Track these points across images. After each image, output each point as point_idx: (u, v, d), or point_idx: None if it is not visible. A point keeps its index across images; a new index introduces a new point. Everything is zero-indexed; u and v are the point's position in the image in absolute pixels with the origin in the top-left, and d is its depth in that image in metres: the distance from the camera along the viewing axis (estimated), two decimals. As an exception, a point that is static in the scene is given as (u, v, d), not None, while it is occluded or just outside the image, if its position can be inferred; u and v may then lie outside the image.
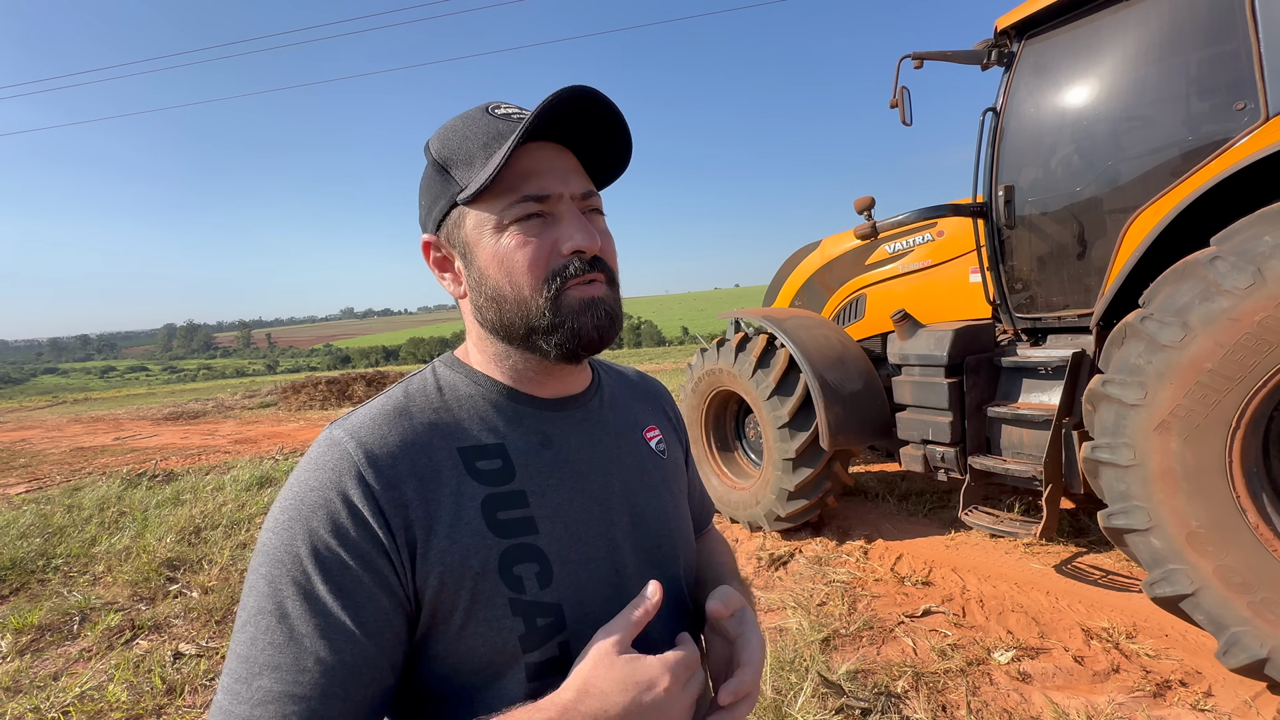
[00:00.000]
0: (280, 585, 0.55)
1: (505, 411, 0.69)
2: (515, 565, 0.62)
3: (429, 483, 0.61)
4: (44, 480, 7.76)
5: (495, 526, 0.62)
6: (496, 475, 0.65)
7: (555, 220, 0.64)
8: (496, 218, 0.63)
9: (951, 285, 3.80)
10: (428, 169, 0.69)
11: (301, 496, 0.58)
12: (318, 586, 0.55)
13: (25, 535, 4.84)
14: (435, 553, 0.59)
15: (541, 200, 0.63)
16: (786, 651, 2.60)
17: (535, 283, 0.63)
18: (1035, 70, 3.04)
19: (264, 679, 0.53)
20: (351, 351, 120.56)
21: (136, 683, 2.75)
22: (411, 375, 0.72)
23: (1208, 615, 2.10)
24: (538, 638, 0.62)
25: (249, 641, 0.54)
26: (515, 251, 0.63)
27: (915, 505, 4.38)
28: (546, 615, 0.63)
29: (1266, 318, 1.91)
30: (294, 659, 0.53)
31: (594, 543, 0.68)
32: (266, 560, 0.56)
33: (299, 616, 0.54)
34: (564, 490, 0.68)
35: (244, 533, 4.71)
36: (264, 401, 17.88)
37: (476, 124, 0.65)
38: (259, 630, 0.54)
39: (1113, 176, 2.79)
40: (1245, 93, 2.33)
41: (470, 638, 0.60)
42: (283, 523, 0.57)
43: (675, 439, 0.90)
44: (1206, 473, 2.06)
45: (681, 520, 0.81)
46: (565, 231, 0.64)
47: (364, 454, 0.59)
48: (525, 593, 0.62)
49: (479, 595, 0.60)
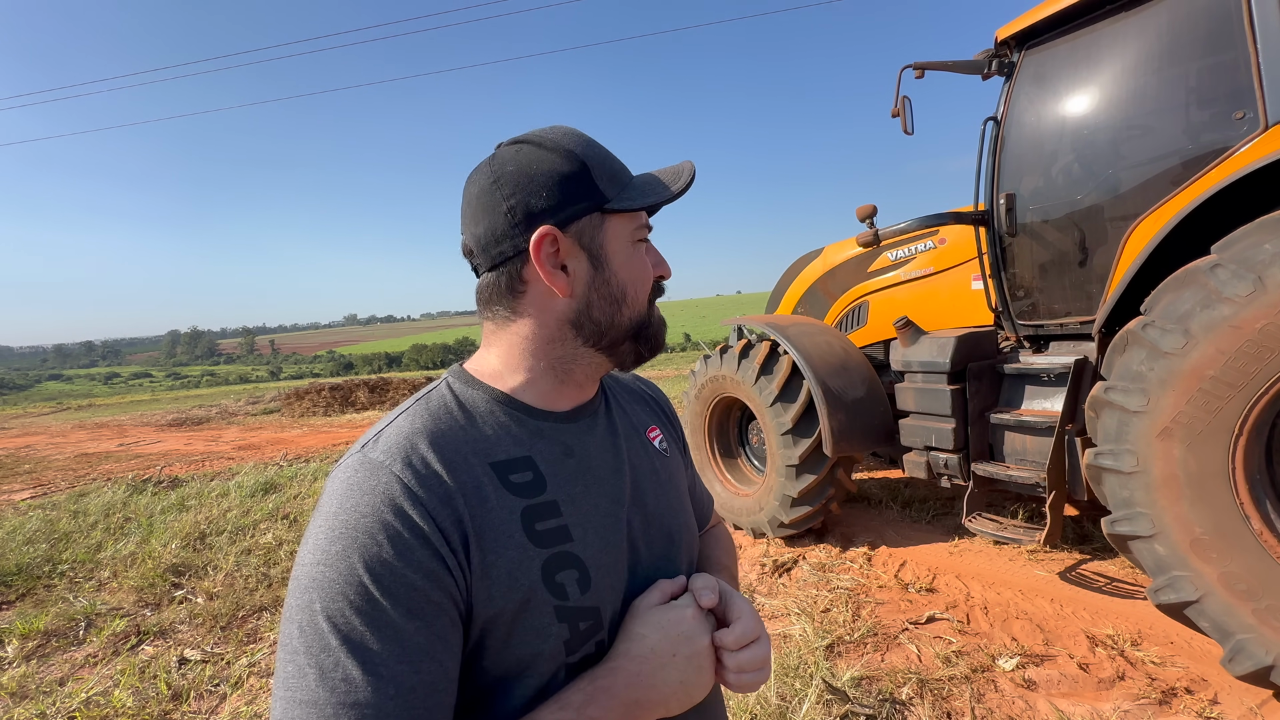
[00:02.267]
0: (341, 619, 0.53)
1: (526, 425, 0.70)
2: (557, 573, 0.64)
3: (474, 498, 0.62)
4: (49, 486, 7.79)
5: (534, 537, 0.64)
6: (529, 487, 0.66)
7: (648, 246, 0.76)
8: (633, 232, 0.73)
9: (954, 292, 3.81)
10: (545, 164, 0.68)
11: (351, 523, 0.56)
12: (389, 612, 0.54)
13: (31, 541, 4.86)
14: (489, 567, 0.61)
15: (648, 229, 0.76)
16: (791, 658, 2.60)
17: (647, 293, 0.75)
18: (1035, 80, 3.06)
19: (343, 717, 0.51)
20: (355, 358, 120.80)
21: (142, 688, 2.77)
22: (427, 392, 0.71)
23: (1212, 622, 2.10)
24: (580, 640, 0.65)
25: (314, 685, 0.52)
26: (644, 263, 0.74)
27: (919, 512, 4.38)
28: (588, 619, 0.65)
29: (1267, 325, 1.92)
30: (373, 693, 0.52)
31: (619, 545, 0.71)
32: (321, 595, 0.54)
33: (373, 645, 0.53)
34: (590, 497, 0.71)
35: (249, 539, 4.72)
36: (267, 408, 17.94)
37: (636, 177, 0.76)
38: (325, 669, 0.52)
39: (1113, 185, 2.81)
40: (1244, 102, 2.35)
41: (517, 646, 0.62)
42: (336, 553, 0.55)
43: (673, 437, 0.93)
44: (1209, 479, 2.07)
45: (687, 515, 0.85)
46: (659, 259, 0.77)
47: (412, 474, 0.59)
48: (569, 599, 0.64)
49: (527, 605, 0.62)
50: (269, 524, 5.09)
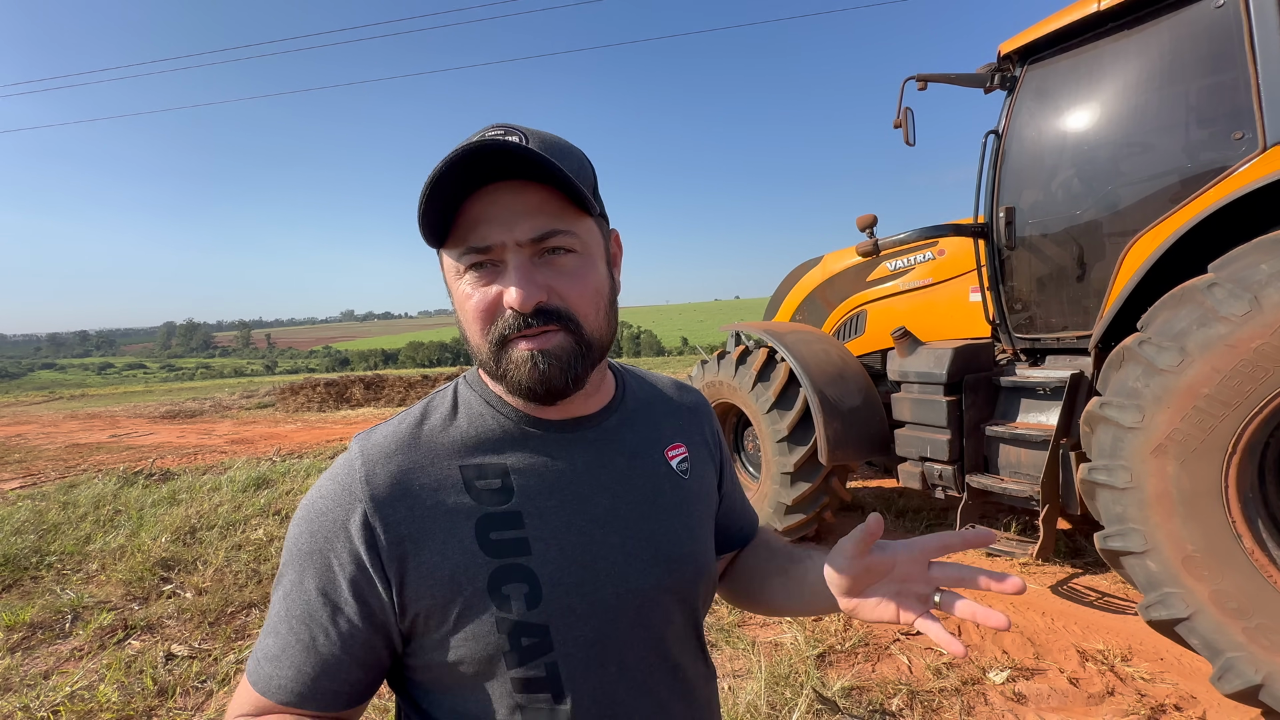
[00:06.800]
0: (289, 572, 0.66)
1: (514, 433, 0.70)
2: (504, 585, 0.64)
3: (426, 500, 0.65)
4: (39, 476, 7.74)
5: (487, 546, 0.64)
6: (494, 495, 0.66)
7: (504, 270, 0.62)
8: (456, 264, 0.64)
9: (952, 304, 3.83)
10: None
11: (313, 502, 0.66)
12: (308, 581, 0.64)
13: (20, 531, 4.82)
14: (426, 567, 0.63)
15: (485, 251, 0.62)
16: (782, 666, 2.60)
17: (481, 331, 0.64)
18: (1037, 95, 3.08)
19: (269, 643, 0.65)
20: (350, 354, 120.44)
21: (128, 683, 2.74)
22: (437, 391, 0.75)
23: (1203, 640, 2.10)
24: (521, 656, 0.64)
25: (276, 607, 0.66)
26: (465, 302, 0.64)
27: (912, 522, 4.38)
28: (532, 635, 0.64)
29: (1263, 345, 1.93)
30: (288, 634, 0.64)
31: (593, 566, 0.68)
32: (287, 548, 0.67)
33: (297, 601, 0.64)
34: (564, 513, 0.68)
35: (239, 534, 4.69)
36: (262, 402, 17.86)
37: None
38: (280, 600, 0.66)
39: (1112, 201, 2.83)
40: (1243, 122, 2.37)
41: (457, 646, 0.64)
42: (297, 519, 0.67)
43: (706, 456, 0.86)
44: (1202, 497, 2.08)
45: (698, 543, 0.79)
46: (505, 287, 0.62)
47: (365, 473, 0.65)
48: (511, 612, 0.63)
49: (466, 610, 0.63)
50: (260, 520, 5.05)
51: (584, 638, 0.66)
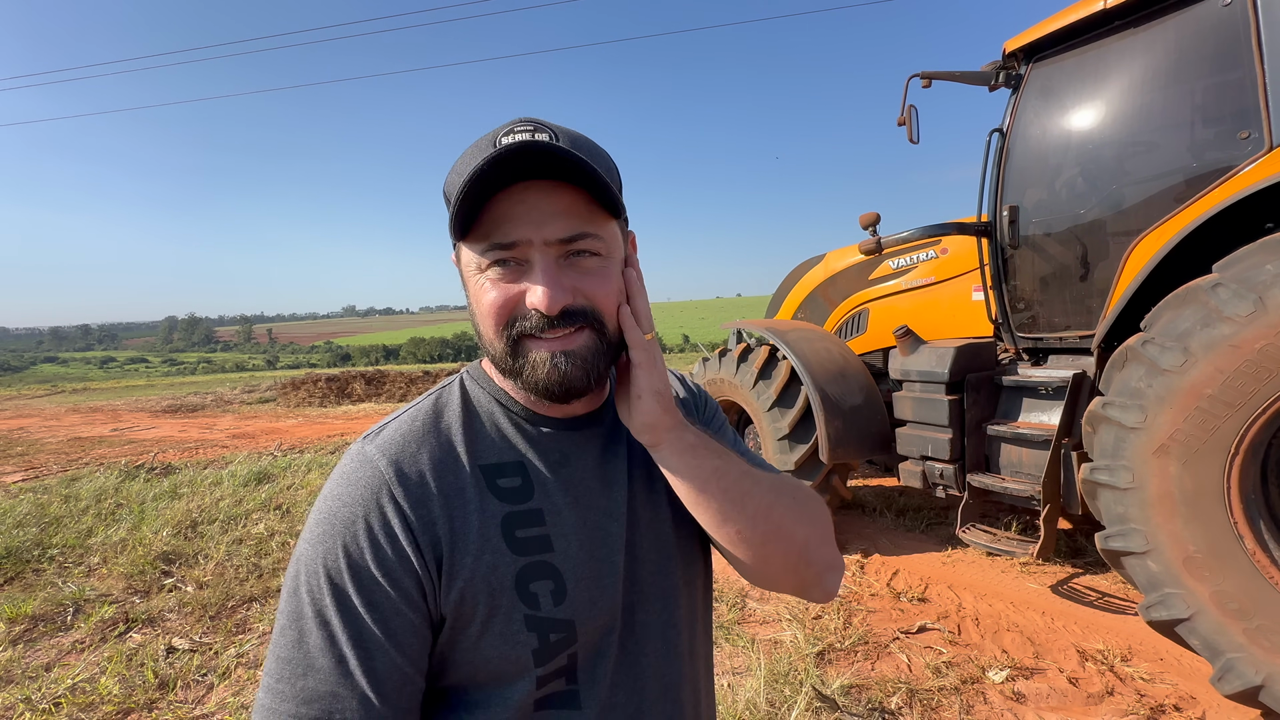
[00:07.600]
0: (317, 593, 0.59)
1: (525, 430, 0.70)
2: (531, 582, 0.64)
3: (455, 501, 0.64)
4: (40, 469, 7.75)
5: (513, 544, 0.65)
6: (516, 493, 0.67)
7: (529, 269, 0.63)
8: (478, 259, 0.64)
9: (954, 303, 3.82)
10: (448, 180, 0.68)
11: (335, 511, 0.62)
12: (351, 598, 0.59)
13: (21, 524, 4.83)
14: (460, 569, 0.62)
15: (509, 248, 0.62)
16: (781, 664, 2.60)
17: (496, 328, 0.64)
18: (1042, 93, 3.07)
19: (308, 679, 0.57)
20: (352, 349, 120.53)
21: (129, 676, 2.75)
22: (440, 387, 0.74)
23: (1203, 640, 2.10)
24: (549, 651, 0.64)
25: (292, 644, 0.58)
26: (484, 296, 0.64)
27: (913, 521, 4.38)
28: (560, 631, 0.65)
29: (1267, 345, 1.92)
30: (335, 662, 0.57)
31: (606, 558, 0.70)
32: (304, 569, 0.61)
33: (336, 623, 0.58)
34: (578, 509, 0.69)
35: (240, 528, 4.71)
36: (263, 397, 17.88)
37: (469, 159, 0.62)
38: (301, 634, 0.58)
39: (1117, 200, 2.81)
40: (1250, 122, 2.36)
41: (486, 649, 0.63)
42: (318, 535, 0.61)
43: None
44: (1204, 498, 2.07)
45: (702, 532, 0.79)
46: (530, 286, 0.62)
47: (395, 473, 0.63)
48: (540, 609, 0.64)
49: (496, 610, 0.63)
50: (261, 514, 5.07)
51: (600, 626, 0.68)
